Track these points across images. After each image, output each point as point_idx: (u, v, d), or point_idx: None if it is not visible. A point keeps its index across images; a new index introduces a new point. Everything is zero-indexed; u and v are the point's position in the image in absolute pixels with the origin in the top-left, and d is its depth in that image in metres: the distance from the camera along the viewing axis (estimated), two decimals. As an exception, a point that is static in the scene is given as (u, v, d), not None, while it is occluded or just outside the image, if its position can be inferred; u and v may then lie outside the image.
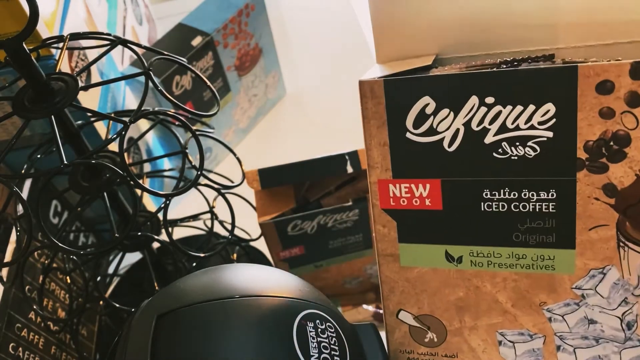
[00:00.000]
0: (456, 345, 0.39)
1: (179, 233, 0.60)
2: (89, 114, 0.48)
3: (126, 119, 0.37)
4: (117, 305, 0.48)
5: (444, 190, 0.35)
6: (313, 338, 0.33)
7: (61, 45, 0.40)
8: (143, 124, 0.65)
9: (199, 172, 0.42)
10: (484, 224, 0.36)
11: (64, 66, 0.48)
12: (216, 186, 0.48)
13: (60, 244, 0.38)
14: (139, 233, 0.48)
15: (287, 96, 0.84)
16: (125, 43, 0.40)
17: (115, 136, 0.36)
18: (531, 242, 0.35)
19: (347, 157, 0.50)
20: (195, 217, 0.56)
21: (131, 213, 0.48)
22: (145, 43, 0.81)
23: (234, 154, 0.53)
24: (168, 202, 0.44)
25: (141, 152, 0.65)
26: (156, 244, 0.53)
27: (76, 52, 0.51)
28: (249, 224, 0.57)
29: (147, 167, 0.68)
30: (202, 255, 0.47)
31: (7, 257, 0.46)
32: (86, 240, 0.62)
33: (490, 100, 0.33)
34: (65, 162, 0.35)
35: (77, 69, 0.51)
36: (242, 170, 0.52)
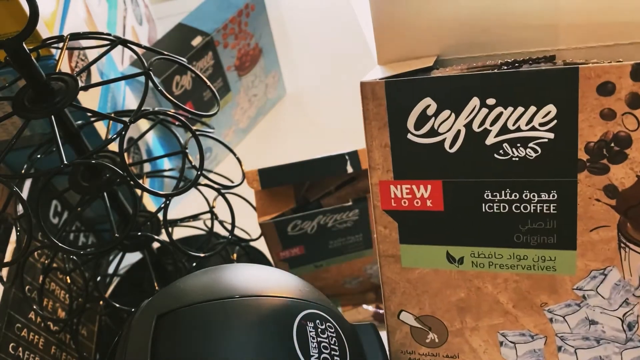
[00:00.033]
0: (457, 345, 0.39)
1: (179, 233, 0.60)
2: (89, 114, 0.48)
3: (126, 119, 0.37)
4: (117, 305, 0.48)
5: (445, 191, 0.35)
6: (313, 338, 0.33)
7: (61, 45, 0.40)
8: (143, 124, 0.65)
9: (199, 172, 0.42)
10: (485, 225, 0.36)
11: (64, 66, 0.48)
12: (216, 186, 0.48)
13: (60, 244, 0.38)
14: (139, 233, 0.48)
15: (287, 96, 0.84)
16: (125, 43, 0.40)
17: (115, 136, 0.36)
18: (532, 243, 0.35)
19: (347, 157, 0.50)
20: (195, 217, 0.56)
21: (131, 213, 0.48)
22: (145, 43, 0.81)
23: (234, 154, 0.53)
24: (168, 202, 0.44)
25: (141, 152, 0.65)
26: (156, 244, 0.53)
27: (76, 52, 0.51)
28: (249, 224, 0.57)
29: (147, 167, 0.68)
30: (202, 255, 0.47)
31: (7, 257, 0.46)
32: (86, 240, 0.62)
33: (491, 101, 0.33)
34: (65, 162, 0.35)
35: (77, 69, 0.51)
36: (242, 170, 0.52)
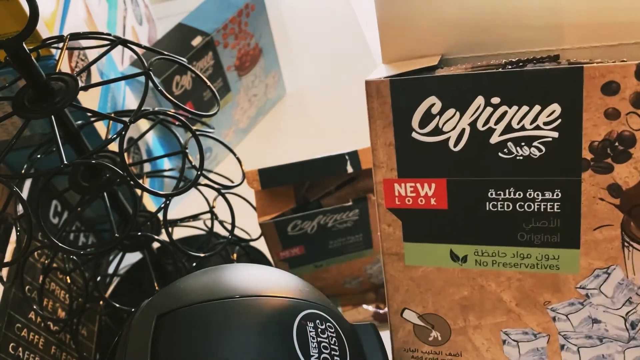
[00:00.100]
0: (460, 344, 0.39)
1: (179, 233, 0.60)
2: (89, 114, 0.48)
3: (126, 119, 0.37)
4: (117, 305, 0.48)
5: (449, 189, 0.35)
6: (313, 338, 0.33)
7: (61, 45, 0.40)
8: (143, 124, 0.65)
9: (199, 172, 0.42)
10: (489, 224, 0.36)
11: (64, 66, 0.48)
12: (216, 186, 0.48)
13: (60, 244, 0.38)
14: (139, 233, 0.48)
15: (287, 96, 0.84)
16: (125, 43, 0.40)
17: (115, 136, 0.36)
18: (536, 242, 0.35)
19: (347, 157, 0.50)
20: (195, 217, 0.56)
21: (131, 213, 0.48)
22: (145, 43, 0.81)
23: (234, 154, 0.53)
24: (168, 202, 0.44)
25: (141, 152, 0.65)
26: (156, 244, 0.53)
27: (76, 52, 0.51)
28: (249, 224, 0.57)
29: (147, 167, 0.68)
30: (202, 255, 0.47)
31: (7, 257, 0.46)
32: (86, 240, 0.62)
33: (496, 100, 0.33)
34: (65, 162, 0.35)
35: (77, 69, 0.51)
36: (242, 170, 0.52)
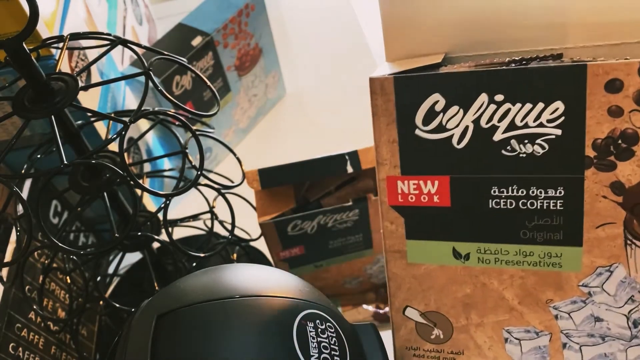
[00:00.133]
0: (462, 342, 0.39)
1: (179, 233, 0.60)
2: (89, 114, 0.48)
3: (126, 119, 0.37)
4: (117, 305, 0.48)
5: (453, 187, 0.35)
6: (313, 338, 0.33)
7: (61, 45, 0.40)
8: (143, 124, 0.65)
9: (199, 172, 0.42)
10: (492, 221, 0.36)
11: (64, 66, 0.48)
12: (216, 186, 0.48)
13: (60, 244, 0.38)
14: (139, 233, 0.48)
15: (287, 96, 0.84)
16: (125, 43, 0.40)
17: (115, 136, 0.36)
18: (539, 240, 0.35)
19: (347, 157, 0.50)
20: (195, 217, 0.56)
21: (131, 213, 0.48)
22: (145, 43, 0.81)
23: (234, 154, 0.53)
24: (168, 202, 0.44)
25: (141, 152, 0.65)
26: (156, 244, 0.53)
27: (76, 52, 0.51)
28: (249, 224, 0.57)
29: (147, 167, 0.68)
30: (202, 255, 0.47)
31: (7, 257, 0.46)
32: (86, 240, 0.62)
33: (499, 97, 0.33)
34: (65, 162, 0.35)
35: (77, 69, 0.51)
36: (242, 170, 0.52)
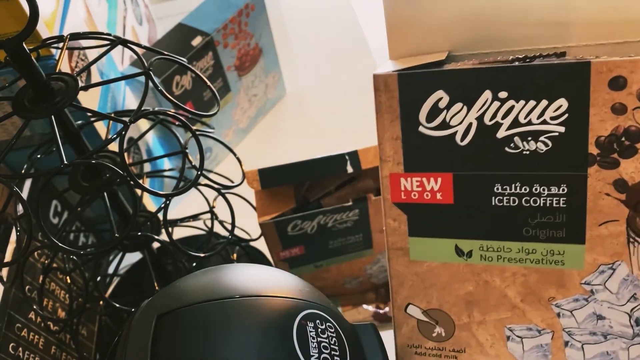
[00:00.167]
0: (464, 340, 0.39)
1: (179, 233, 0.60)
2: (89, 114, 0.48)
3: (126, 119, 0.37)
4: (117, 305, 0.48)
5: (456, 184, 0.35)
6: (313, 338, 0.33)
7: (61, 45, 0.40)
8: (143, 124, 0.65)
9: (199, 172, 0.42)
10: (495, 219, 0.36)
11: (64, 66, 0.48)
12: (216, 186, 0.48)
13: (60, 244, 0.38)
14: (139, 233, 0.48)
15: (287, 96, 0.84)
16: (125, 43, 0.40)
17: (115, 136, 0.36)
18: (541, 237, 0.35)
19: (347, 157, 0.50)
20: (195, 217, 0.56)
21: (131, 213, 0.48)
22: (145, 43, 0.81)
23: (234, 154, 0.53)
24: (168, 202, 0.44)
25: (141, 152, 0.65)
26: (156, 244, 0.53)
27: (76, 52, 0.51)
28: (249, 224, 0.57)
29: (147, 167, 0.68)
30: (202, 255, 0.47)
31: (7, 257, 0.46)
32: (86, 240, 0.62)
33: (503, 94, 0.33)
34: (65, 162, 0.35)
35: (77, 69, 0.51)
36: (242, 170, 0.52)
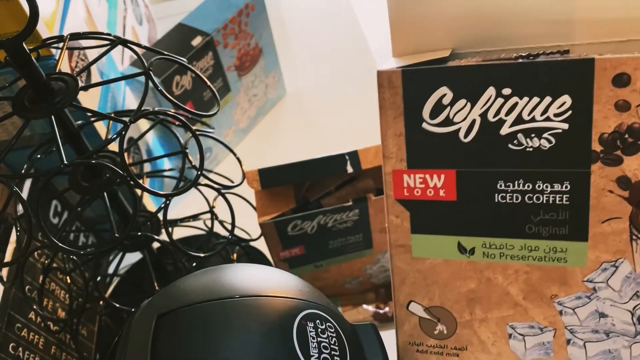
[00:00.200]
0: (466, 337, 0.39)
1: (179, 233, 0.60)
2: (89, 114, 0.48)
3: (126, 119, 0.37)
4: (117, 305, 0.48)
5: (459, 181, 0.35)
6: (313, 338, 0.33)
7: (61, 45, 0.40)
8: (143, 124, 0.65)
9: (199, 172, 0.42)
10: (498, 216, 0.36)
11: (64, 66, 0.48)
12: (216, 186, 0.48)
13: (60, 244, 0.38)
14: (139, 233, 0.48)
15: (287, 96, 0.84)
16: (125, 43, 0.40)
17: (115, 136, 0.36)
18: (544, 234, 0.35)
19: (347, 157, 0.50)
20: (195, 217, 0.56)
21: (131, 213, 0.48)
22: (145, 43, 0.81)
23: (234, 154, 0.53)
24: (168, 202, 0.44)
25: (141, 152, 0.65)
26: (156, 244, 0.53)
27: (76, 52, 0.51)
28: (249, 224, 0.57)
29: (147, 167, 0.68)
30: (202, 255, 0.47)
31: (7, 257, 0.46)
32: (86, 240, 0.62)
33: (507, 91, 0.33)
34: (65, 162, 0.35)
35: (77, 69, 0.51)
36: (242, 170, 0.52)
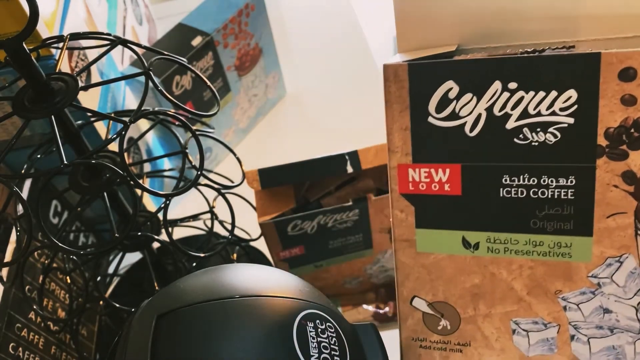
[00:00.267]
0: (469, 333, 0.39)
1: (179, 233, 0.60)
2: (89, 114, 0.48)
3: (126, 119, 0.37)
4: (117, 305, 0.48)
5: (464, 175, 0.35)
6: (313, 338, 0.33)
7: (61, 45, 0.40)
8: (143, 124, 0.65)
9: (199, 172, 0.42)
10: (503, 210, 0.35)
11: (64, 66, 0.48)
12: (216, 186, 0.48)
13: (60, 244, 0.38)
14: (139, 233, 0.48)
15: (287, 96, 0.84)
16: (125, 43, 0.40)
17: (115, 136, 0.36)
18: (549, 229, 0.35)
19: (347, 157, 0.50)
20: (195, 217, 0.56)
21: (131, 213, 0.48)
22: (145, 43, 0.81)
23: (234, 154, 0.53)
24: (168, 202, 0.44)
25: (141, 152, 0.65)
26: (156, 244, 0.53)
27: (76, 52, 0.51)
28: (249, 224, 0.57)
29: (147, 167, 0.68)
30: (202, 255, 0.47)
31: (7, 257, 0.46)
32: (86, 240, 0.62)
33: (513, 85, 0.33)
34: (65, 162, 0.35)
35: (77, 69, 0.51)
36: (242, 170, 0.52)
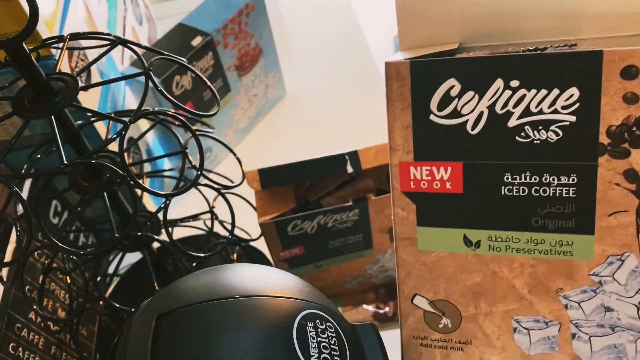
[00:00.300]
0: (471, 331, 0.39)
1: (179, 233, 0.60)
2: (89, 114, 0.48)
3: (126, 119, 0.37)
4: (117, 305, 0.48)
5: (465, 173, 0.35)
6: (313, 338, 0.33)
7: (61, 45, 0.40)
8: (143, 124, 0.65)
9: (199, 172, 0.42)
10: (504, 208, 0.35)
11: (64, 66, 0.48)
12: (216, 186, 0.48)
13: (60, 244, 0.38)
14: (139, 233, 0.48)
15: (287, 96, 0.84)
16: (125, 43, 0.40)
17: (115, 136, 0.36)
18: (550, 227, 0.35)
19: (347, 157, 0.50)
20: (195, 217, 0.56)
21: (131, 213, 0.48)
22: (145, 43, 0.81)
23: (234, 154, 0.53)
24: (168, 202, 0.44)
25: (141, 152, 0.65)
26: (156, 244, 0.53)
27: (76, 52, 0.51)
28: (249, 224, 0.57)
29: (147, 167, 0.68)
30: (202, 255, 0.47)
31: (7, 257, 0.46)
32: (86, 240, 0.62)
33: (515, 83, 0.33)
34: (65, 162, 0.35)
35: (77, 69, 0.51)
36: (242, 170, 0.52)
